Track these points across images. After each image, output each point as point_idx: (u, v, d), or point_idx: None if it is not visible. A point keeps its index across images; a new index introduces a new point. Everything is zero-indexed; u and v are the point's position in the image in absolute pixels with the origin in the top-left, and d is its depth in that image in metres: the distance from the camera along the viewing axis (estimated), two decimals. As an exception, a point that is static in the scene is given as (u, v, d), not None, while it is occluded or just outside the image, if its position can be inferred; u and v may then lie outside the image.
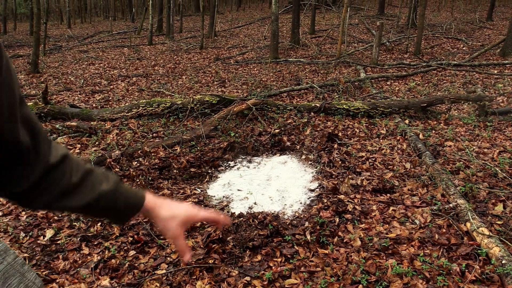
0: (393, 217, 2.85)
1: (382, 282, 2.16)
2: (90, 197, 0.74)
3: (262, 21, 20.29)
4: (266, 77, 8.30)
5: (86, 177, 0.74)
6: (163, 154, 4.05)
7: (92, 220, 2.89)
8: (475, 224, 2.55)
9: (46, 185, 0.70)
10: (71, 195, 0.72)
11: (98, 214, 0.78)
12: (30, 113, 0.67)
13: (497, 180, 3.28)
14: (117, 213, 0.79)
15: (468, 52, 9.94)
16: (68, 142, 4.56)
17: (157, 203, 0.82)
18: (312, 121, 5.01)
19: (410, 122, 4.92)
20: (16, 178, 0.67)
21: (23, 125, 0.64)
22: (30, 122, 0.66)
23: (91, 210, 0.75)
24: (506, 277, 2.10)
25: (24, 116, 0.65)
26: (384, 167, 3.67)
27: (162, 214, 0.81)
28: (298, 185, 3.42)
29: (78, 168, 0.74)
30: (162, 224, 0.82)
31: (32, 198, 0.70)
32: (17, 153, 0.64)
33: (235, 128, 4.71)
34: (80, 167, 0.75)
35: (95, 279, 2.31)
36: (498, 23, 14.88)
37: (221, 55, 11.54)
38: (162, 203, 0.82)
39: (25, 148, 0.65)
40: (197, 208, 0.86)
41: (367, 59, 9.73)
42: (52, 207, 0.73)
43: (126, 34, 18.06)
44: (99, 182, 0.75)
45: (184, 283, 2.25)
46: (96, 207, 0.75)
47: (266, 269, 2.33)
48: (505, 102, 5.75)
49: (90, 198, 0.74)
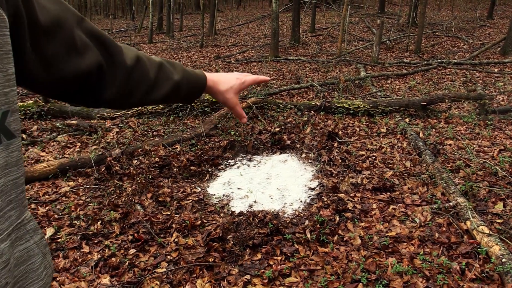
0: (393, 215, 2.85)
1: (382, 280, 2.16)
2: (168, 88, 0.82)
3: (262, 19, 20.26)
4: (266, 75, 8.29)
5: (160, 70, 0.81)
6: (163, 153, 4.05)
7: (92, 218, 2.89)
8: (475, 222, 2.55)
9: (131, 87, 0.77)
10: (153, 89, 0.80)
11: (175, 99, 0.88)
12: (91, 26, 0.69)
13: (497, 179, 3.28)
14: (189, 95, 0.89)
15: (469, 51, 9.93)
16: (68, 141, 4.56)
17: (215, 80, 0.91)
18: (312, 119, 5.01)
19: (411, 120, 4.92)
20: (104, 89, 0.73)
21: (92, 39, 0.68)
22: (96, 35, 0.70)
23: (169, 98, 0.85)
24: (506, 275, 2.10)
25: (89, 32, 0.68)
26: (384, 166, 3.67)
27: (221, 88, 0.91)
28: (298, 183, 3.43)
29: (151, 64, 0.80)
30: (222, 97, 0.91)
31: (123, 100, 0.78)
32: (91, 73, 0.69)
33: (235, 127, 4.71)
34: (152, 62, 0.81)
35: (95, 278, 2.31)
36: (499, 21, 14.86)
37: (221, 54, 11.54)
38: (218, 78, 0.92)
39: (97, 65, 0.69)
40: (243, 74, 0.96)
41: (367, 57, 9.72)
42: (139, 103, 0.81)
43: (126, 32, 18.05)
44: (171, 72, 0.83)
45: (184, 281, 2.25)
46: (173, 94, 0.84)
47: (266, 267, 2.33)
48: (506, 101, 5.74)
49: (168, 88, 0.82)
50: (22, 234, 0.60)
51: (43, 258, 0.65)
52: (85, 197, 3.26)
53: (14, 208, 0.56)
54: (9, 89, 0.52)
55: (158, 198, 3.19)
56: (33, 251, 0.63)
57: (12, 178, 0.55)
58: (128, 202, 3.12)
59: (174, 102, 0.90)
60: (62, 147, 4.39)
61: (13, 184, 0.55)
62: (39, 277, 0.64)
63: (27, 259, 0.61)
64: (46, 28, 0.59)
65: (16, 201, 0.57)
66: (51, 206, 3.11)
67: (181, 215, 2.93)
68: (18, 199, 0.57)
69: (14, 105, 0.53)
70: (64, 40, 0.62)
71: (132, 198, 3.18)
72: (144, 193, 3.28)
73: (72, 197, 3.26)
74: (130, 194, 3.25)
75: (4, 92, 0.51)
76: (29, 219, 0.62)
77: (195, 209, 3.06)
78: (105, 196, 3.25)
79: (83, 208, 3.09)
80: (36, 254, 0.63)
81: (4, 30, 0.50)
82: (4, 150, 0.52)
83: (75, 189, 3.38)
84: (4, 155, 0.52)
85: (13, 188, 0.55)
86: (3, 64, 0.50)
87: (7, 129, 0.52)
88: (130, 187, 3.36)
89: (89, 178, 3.59)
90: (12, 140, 0.54)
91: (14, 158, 0.55)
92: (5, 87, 0.51)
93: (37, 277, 0.63)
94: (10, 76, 0.52)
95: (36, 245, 0.64)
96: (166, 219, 2.89)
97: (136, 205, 3.09)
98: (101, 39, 0.70)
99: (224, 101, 0.92)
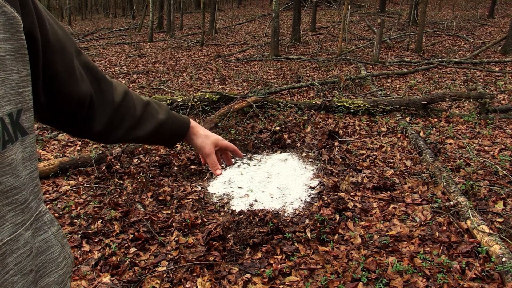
0: (393, 214, 2.85)
1: (382, 279, 2.16)
2: (152, 126, 0.85)
3: (262, 18, 20.24)
4: (267, 74, 8.28)
5: (147, 108, 0.85)
6: (164, 152, 4.05)
7: (93, 217, 2.89)
8: (476, 222, 2.55)
9: (117, 121, 0.79)
10: (138, 125, 0.83)
11: (158, 140, 0.90)
12: (87, 59, 0.73)
13: (497, 178, 3.28)
14: (172, 136, 0.91)
15: (469, 50, 9.92)
16: (69, 139, 4.56)
17: (197, 125, 0.97)
18: (313, 118, 5.01)
19: (411, 119, 4.91)
20: (92, 121, 0.76)
21: (86, 72, 0.72)
22: (91, 68, 0.73)
23: (153, 136, 0.87)
24: (506, 274, 2.11)
25: (84, 65, 0.72)
26: (384, 165, 3.67)
27: (201, 133, 0.96)
28: (299, 182, 3.43)
29: (138, 101, 0.84)
30: (201, 140, 0.95)
31: (108, 134, 0.80)
32: (84, 102, 0.72)
33: (235, 126, 4.71)
34: (139, 99, 0.84)
35: (96, 276, 2.31)
36: (500, 20, 14.84)
37: (222, 52, 11.53)
38: (200, 126, 0.97)
39: (89, 96, 0.72)
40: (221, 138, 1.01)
41: (368, 56, 9.71)
42: (124, 139, 0.83)
43: (127, 31, 18.03)
44: (156, 111, 0.87)
45: (185, 280, 2.25)
46: (157, 133, 0.87)
47: (266, 266, 2.33)
48: (506, 100, 5.74)
49: (152, 126, 0.85)
50: (40, 225, 0.64)
51: (61, 249, 0.70)
52: (86, 196, 3.27)
53: (33, 200, 0.61)
54: (23, 90, 0.56)
55: (159, 197, 3.19)
56: (51, 242, 0.67)
57: (28, 172, 0.59)
58: (129, 201, 3.12)
59: (157, 143, 0.92)
60: (63, 145, 4.39)
61: (29, 177, 0.60)
62: (58, 267, 0.68)
63: (46, 249, 0.66)
64: (54, 47, 0.63)
65: (33, 194, 0.61)
66: (52, 204, 3.12)
67: (182, 214, 2.93)
68: (35, 191, 0.62)
69: (28, 104, 0.57)
70: (67, 64, 0.66)
71: (132, 197, 3.18)
72: (145, 192, 3.28)
73: (73, 196, 3.26)
74: (131, 193, 3.26)
75: (18, 92, 0.55)
76: (45, 211, 0.67)
77: (195, 208, 3.06)
78: (105, 195, 3.26)
79: (84, 207, 3.09)
80: (54, 244, 0.68)
81: (21, 35, 0.54)
82: (20, 146, 0.57)
83: (76, 188, 3.39)
84: (20, 151, 0.57)
85: (29, 181, 0.60)
86: (18, 66, 0.54)
87: (21, 126, 0.56)
88: (130, 186, 3.36)
89: (90, 177, 3.59)
90: (25, 137, 0.58)
91: (28, 154, 0.59)
92: (19, 87, 0.55)
93: (56, 266, 0.68)
94: (25, 78, 0.56)
95: (54, 236, 0.68)
96: (167, 218, 2.89)
97: (137, 204, 3.09)
98: (94, 73, 0.74)
99: (203, 145, 0.95)
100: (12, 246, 0.56)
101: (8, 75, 0.53)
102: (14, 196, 0.55)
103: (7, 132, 0.52)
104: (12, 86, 0.53)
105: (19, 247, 0.57)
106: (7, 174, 0.53)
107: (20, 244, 0.57)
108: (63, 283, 0.70)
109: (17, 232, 0.56)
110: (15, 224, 0.56)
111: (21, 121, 0.56)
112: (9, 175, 0.53)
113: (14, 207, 0.55)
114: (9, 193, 0.54)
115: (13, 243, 0.56)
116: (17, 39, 0.54)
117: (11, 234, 0.55)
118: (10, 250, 0.55)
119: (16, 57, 0.54)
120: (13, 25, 0.53)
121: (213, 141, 0.97)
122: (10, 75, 0.53)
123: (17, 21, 0.53)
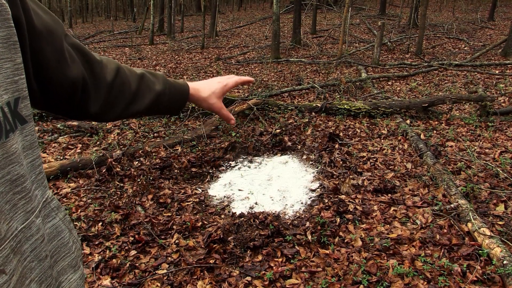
0: (394, 217, 2.84)
1: (383, 282, 2.15)
2: (150, 98, 0.83)
3: (263, 21, 20.28)
4: (267, 77, 8.29)
5: (142, 81, 0.83)
6: (164, 154, 4.05)
7: (93, 219, 2.89)
8: (477, 224, 2.55)
9: (113, 100, 0.78)
10: (135, 100, 0.82)
11: (158, 110, 0.88)
12: (75, 41, 0.72)
13: (498, 181, 3.28)
14: (172, 105, 0.89)
15: (470, 52, 9.92)
16: (70, 142, 4.57)
17: (196, 87, 0.92)
18: (313, 121, 5.01)
19: (412, 122, 4.91)
20: (88, 102, 0.75)
21: (76, 53, 0.71)
22: (80, 49, 0.73)
23: (153, 108, 0.85)
24: (507, 277, 2.10)
25: (74, 46, 0.71)
26: (385, 167, 3.67)
27: (203, 95, 0.92)
28: (299, 185, 3.42)
29: (132, 75, 0.82)
30: (206, 103, 0.92)
31: (106, 113, 0.79)
32: (77, 85, 0.71)
33: (236, 128, 4.71)
34: (133, 73, 0.83)
35: (96, 279, 2.31)
36: (500, 23, 14.86)
37: (222, 55, 11.54)
38: (200, 86, 0.93)
39: (82, 78, 0.72)
40: (225, 77, 0.96)
41: (368, 59, 9.72)
42: (123, 116, 0.82)
43: (128, 33, 18.07)
44: (152, 82, 0.85)
45: (185, 283, 2.25)
46: (156, 104, 0.85)
47: (267, 269, 2.33)
48: (507, 102, 5.74)
49: (150, 98, 0.84)
50: (48, 212, 0.66)
51: (70, 234, 0.71)
52: (86, 198, 3.27)
53: (37, 188, 0.62)
54: (18, 77, 0.56)
55: (159, 200, 3.19)
56: (60, 227, 0.69)
57: (29, 161, 0.60)
58: (129, 204, 3.12)
59: (158, 113, 0.90)
60: (63, 148, 4.39)
61: (31, 166, 0.60)
62: (70, 251, 0.70)
63: (56, 235, 0.67)
64: (41, 33, 0.62)
65: (37, 181, 0.62)
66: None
67: (182, 216, 2.93)
68: (38, 179, 0.62)
69: (24, 92, 0.58)
70: (56, 48, 0.66)
71: (133, 200, 3.18)
72: (145, 194, 3.28)
73: (73, 198, 3.26)
74: (131, 195, 3.26)
75: (14, 80, 0.55)
76: (52, 197, 0.68)
77: (195, 210, 3.06)
78: (106, 198, 3.26)
79: (84, 209, 3.09)
80: (63, 230, 0.69)
81: (10, 22, 0.54)
82: (20, 135, 0.57)
83: (76, 190, 3.39)
84: (20, 139, 0.57)
85: (32, 169, 0.60)
86: (11, 54, 0.54)
87: (20, 114, 0.56)
88: (131, 189, 3.36)
89: (90, 179, 3.59)
90: (24, 125, 0.58)
91: (28, 142, 0.60)
92: (14, 75, 0.55)
93: (68, 250, 0.70)
94: (18, 65, 0.56)
95: (62, 222, 0.70)
96: (167, 220, 2.89)
97: (137, 207, 3.09)
98: (84, 54, 0.73)
99: (209, 107, 0.93)
100: (26, 233, 0.57)
101: (2, 63, 0.52)
102: (23, 184, 0.56)
103: (7, 121, 0.53)
104: (7, 75, 0.53)
105: (32, 234, 0.59)
106: (14, 163, 0.54)
107: (33, 231, 0.59)
108: (76, 265, 0.72)
109: (29, 220, 0.58)
110: (26, 212, 0.57)
111: (19, 109, 0.56)
112: (15, 163, 0.54)
113: (24, 195, 0.57)
114: (17, 181, 0.55)
115: (26, 230, 0.57)
116: (7, 26, 0.53)
117: (24, 222, 0.57)
118: (25, 238, 0.57)
119: (8, 44, 0.53)
120: (1, 12, 0.52)
121: (217, 95, 0.93)
122: (4, 64, 0.53)
123: (5, 8, 0.53)
